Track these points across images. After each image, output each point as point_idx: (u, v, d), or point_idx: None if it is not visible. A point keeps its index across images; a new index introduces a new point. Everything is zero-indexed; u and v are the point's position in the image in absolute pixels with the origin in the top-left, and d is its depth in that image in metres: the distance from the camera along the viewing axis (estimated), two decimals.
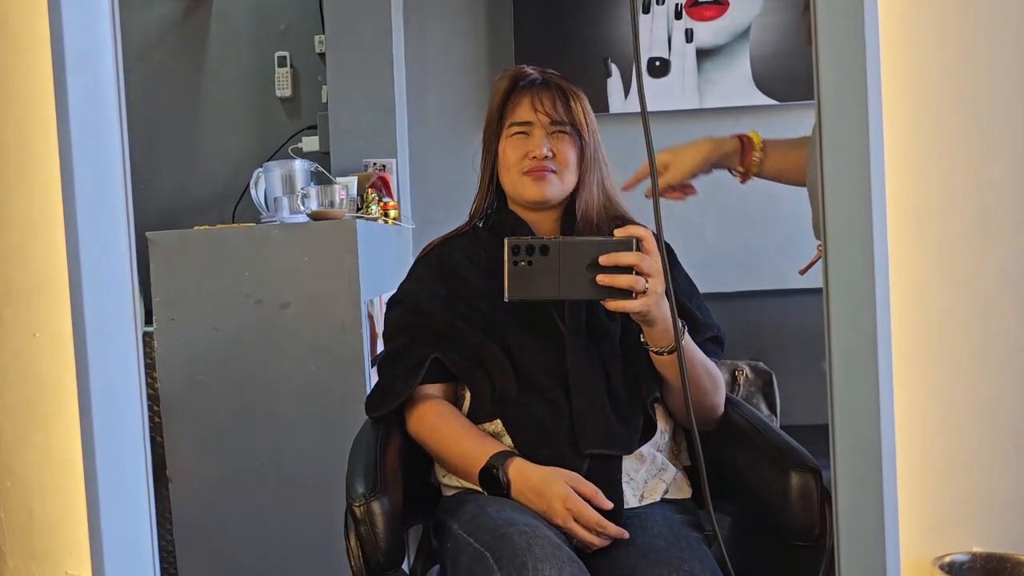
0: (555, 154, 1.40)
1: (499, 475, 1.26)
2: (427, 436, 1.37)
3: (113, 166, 0.80)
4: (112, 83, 0.80)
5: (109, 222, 0.81)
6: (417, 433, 1.38)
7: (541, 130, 1.41)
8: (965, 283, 0.81)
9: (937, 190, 0.81)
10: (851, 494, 0.78)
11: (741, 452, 1.36)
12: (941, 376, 0.82)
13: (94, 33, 0.79)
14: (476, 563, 1.16)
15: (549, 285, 1.19)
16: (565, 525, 1.22)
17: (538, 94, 1.42)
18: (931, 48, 0.81)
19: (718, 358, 1.42)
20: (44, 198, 0.79)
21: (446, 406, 1.39)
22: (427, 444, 1.38)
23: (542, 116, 1.41)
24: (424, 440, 1.38)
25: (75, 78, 0.75)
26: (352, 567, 1.25)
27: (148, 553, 0.80)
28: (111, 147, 0.80)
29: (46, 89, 0.77)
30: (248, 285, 1.98)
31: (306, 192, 2.11)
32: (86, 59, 0.78)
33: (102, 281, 0.80)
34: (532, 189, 1.41)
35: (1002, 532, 0.81)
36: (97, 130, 0.79)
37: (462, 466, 1.33)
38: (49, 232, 0.79)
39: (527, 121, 1.41)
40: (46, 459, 0.80)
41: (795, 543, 1.26)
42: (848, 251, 0.78)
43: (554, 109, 1.40)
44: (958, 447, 0.82)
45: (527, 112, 1.41)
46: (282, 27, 3.05)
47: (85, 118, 0.77)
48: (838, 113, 0.77)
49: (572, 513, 1.22)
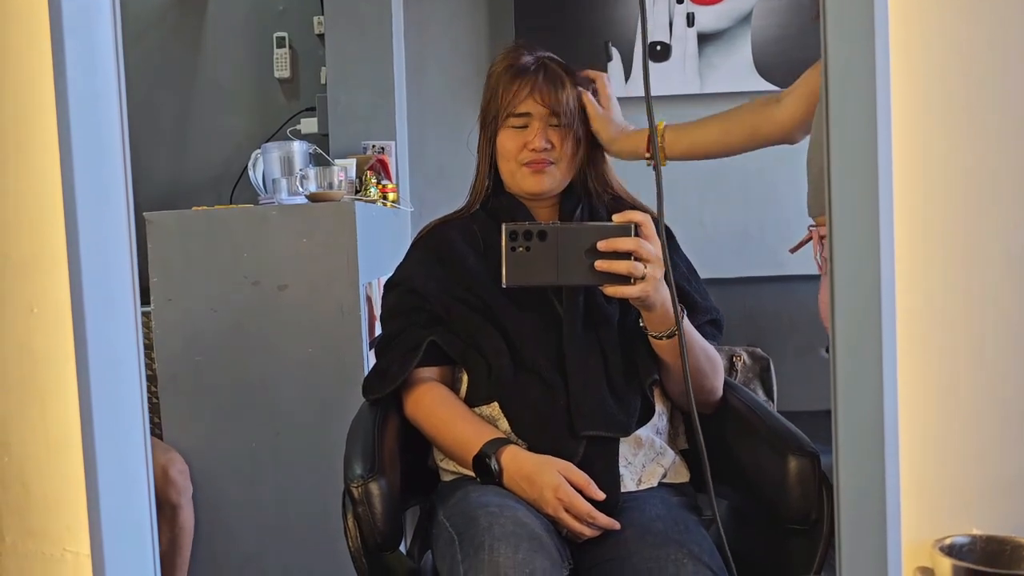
0: (554, 145, 1.39)
1: (491, 463, 1.26)
2: (423, 420, 1.37)
3: (112, 138, 0.79)
4: (111, 53, 0.79)
5: (108, 194, 0.80)
6: (414, 416, 1.38)
7: (539, 122, 1.39)
8: (969, 266, 0.81)
9: (943, 173, 0.81)
10: (853, 476, 0.77)
11: (739, 436, 1.36)
12: (943, 359, 0.81)
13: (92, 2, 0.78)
14: (447, 547, 1.19)
15: (547, 271, 1.19)
16: (556, 515, 1.22)
17: (536, 84, 1.39)
18: (940, 26, 0.80)
19: (717, 341, 1.41)
20: (42, 171, 0.78)
21: (443, 390, 1.38)
22: (423, 427, 1.37)
23: (540, 108, 1.39)
24: (420, 423, 1.38)
25: (73, 48, 0.74)
26: (350, 548, 1.25)
27: (147, 529, 0.80)
28: (110, 118, 0.79)
29: (44, 60, 0.76)
30: (246, 266, 1.97)
31: (304, 174, 2.10)
32: (84, 28, 0.77)
33: (101, 255, 0.79)
34: (531, 182, 1.40)
35: (1002, 515, 0.81)
36: (95, 101, 0.78)
37: (457, 451, 1.33)
38: (47, 205, 0.78)
39: (526, 112, 1.40)
40: (43, 435, 0.80)
41: (792, 527, 1.26)
42: (853, 234, 0.78)
43: (553, 100, 1.38)
44: (960, 430, 0.82)
45: (525, 103, 1.39)
46: (281, 7, 3.03)
47: (83, 89, 0.76)
48: (845, 92, 0.76)
49: (563, 503, 1.22)
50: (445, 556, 1.19)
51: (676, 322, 1.20)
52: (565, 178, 1.43)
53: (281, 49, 2.99)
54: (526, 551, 1.11)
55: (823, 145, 0.80)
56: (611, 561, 1.21)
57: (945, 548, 0.77)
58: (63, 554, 0.80)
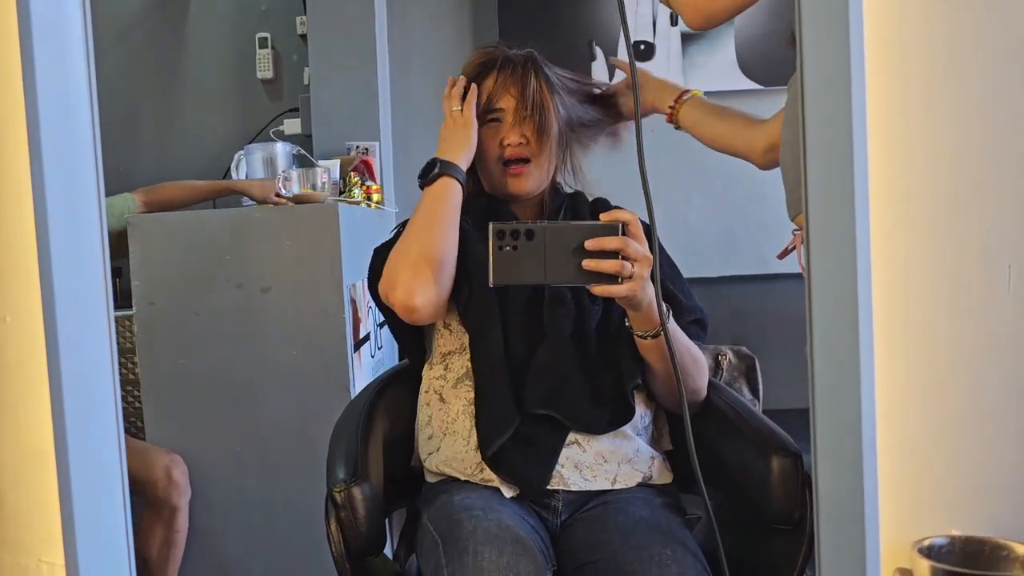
0: (528, 140, 1.39)
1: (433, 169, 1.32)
2: (395, 255, 1.33)
3: (84, 144, 0.78)
4: (82, 57, 0.78)
5: (80, 201, 0.79)
6: (394, 265, 1.33)
7: (512, 116, 1.39)
8: (947, 266, 0.81)
9: (921, 170, 0.81)
10: (831, 477, 0.77)
11: (722, 436, 1.36)
12: (921, 360, 0.81)
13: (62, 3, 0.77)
14: (431, 550, 1.18)
15: (534, 270, 1.18)
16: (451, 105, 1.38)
17: (507, 78, 1.39)
18: (916, 22, 0.80)
19: (701, 341, 1.41)
20: (13, 179, 0.77)
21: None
22: (398, 253, 1.33)
23: (511, 101, 1.38)
24: (394, 257, 1.33)
25: (43, 52, 0.73)
26: (333, 553, 1.25)
27: (122, 539, 0.79)
28: (81, 123, 0.78)
29: (13, 65, 0.75)
30: (229, 269, 1.96)
31: (287, 175, 2.09)
32: (54, 33, 0.76)
33: (73, 263, 0.78)
34: (513, 184, 1.40)
35: (980, 516, 0.81)
36: (67, 106, 0.77)
37: (420, 206, 1.34)
38: (18, 213, 0.77)
39: (499, 108, 1.39)
40: (16, 446, 0.78)
41: (775, 527, 1.26)
42: (829, 233, 0.78)
43: (520, 92, 1.38)
44: (938, 431, 0.82)
45: (497, 98, 1.39)
46: (263, 7, 3.01)
47: (54, 94, 0.75)
48: (821, 87, 0.76)
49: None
50: (429, 560, 1.19)
51: (661, 322, 1.20)
52: (545, 176, 1.42)
53: (264, 50, 2.98)
54: (510, 554, 1.10)
55: (795, 146, 0.80)
56: (595, 562, 1.21)
57: (924, 549, 0.77)
58: (38, 565, 0.79)
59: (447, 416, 1.36)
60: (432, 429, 1.39)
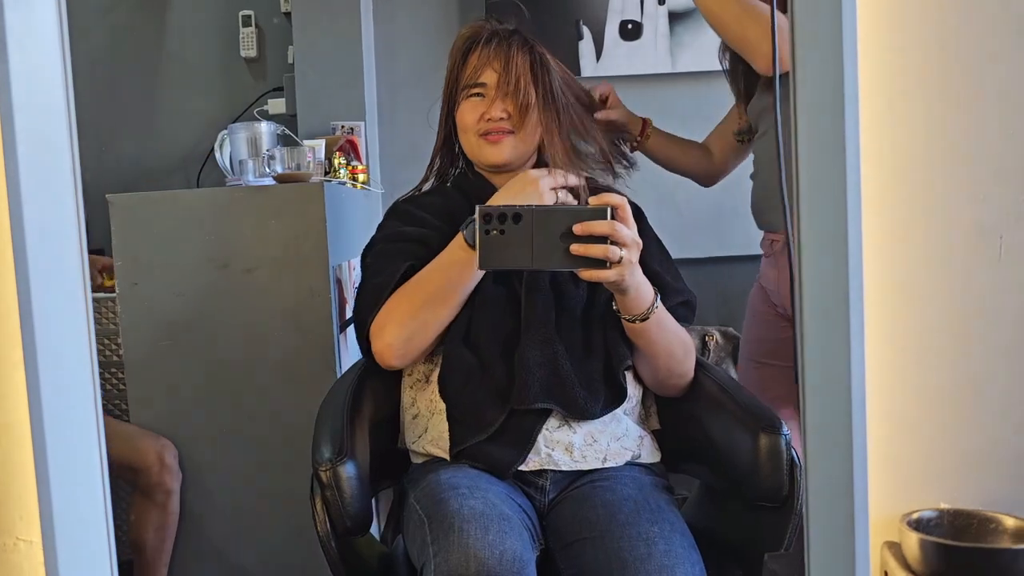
0: (510, 115, 1.37)
1: (469, 225, 1.25)
2: (396, 305, 1.32)
3: (58, 117, 0.76)
4: (55, 29, 0.76)
5: (55, 182, 0.77)
6: (390, 315, 1.32)
7: (495, 91, 1.37)
8: (938, 238, 0.80)
9: (913, 141, 0.80)
10: (820, 451, 0.77)
11: (710, 414, 1.36)
12: (911, 333, 0.81)
13: None
14: (417, 529, 1.18)
15: (522, 254, 1.16)
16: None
17: (491, 53, 1.37)
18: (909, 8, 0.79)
19: (689, 323, 1.41)
20: None
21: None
22: (399, 308, 1.32)
23: (494, 76, 1.37)
24: (394, 309, 1.32)
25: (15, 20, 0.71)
26: (318, 532, 1.24)
27: (101, 517, 0.77)
28: (55, 97, 0.76)
29: None
30: (213, 249, 1.94)
31: (272, 154, 2.06)
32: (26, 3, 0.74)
33: (48, 242, 0.76)
34: (490, 152, 1.38)
35: (969, 489, 0.81)
36: (41, 80, 0.75)
37: (436, 274, 1.30)
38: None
39: (481, 82, 1.38)
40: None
41: (763, 504, 1.26)
42: (820, 206, 0.77)
43: (504, 67, 1.36)
44: (927, 405, 0.81)
45: (480, 73, 1.37)
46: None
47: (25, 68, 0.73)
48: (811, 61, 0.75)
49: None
50: (415, 538, 1.18)
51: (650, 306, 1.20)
52: (527, 149, 1.40)
53: (247, 28, 2.93)
54: (496, 532, 1.10)
55: (768, 163, 0.79)
56: (582, 541, 1.20)
57: (912, 523, 0.77)
58: (16, 543, 0.78)
59: (432, 396, 1.35)
60: (417, 409, 1.38)
